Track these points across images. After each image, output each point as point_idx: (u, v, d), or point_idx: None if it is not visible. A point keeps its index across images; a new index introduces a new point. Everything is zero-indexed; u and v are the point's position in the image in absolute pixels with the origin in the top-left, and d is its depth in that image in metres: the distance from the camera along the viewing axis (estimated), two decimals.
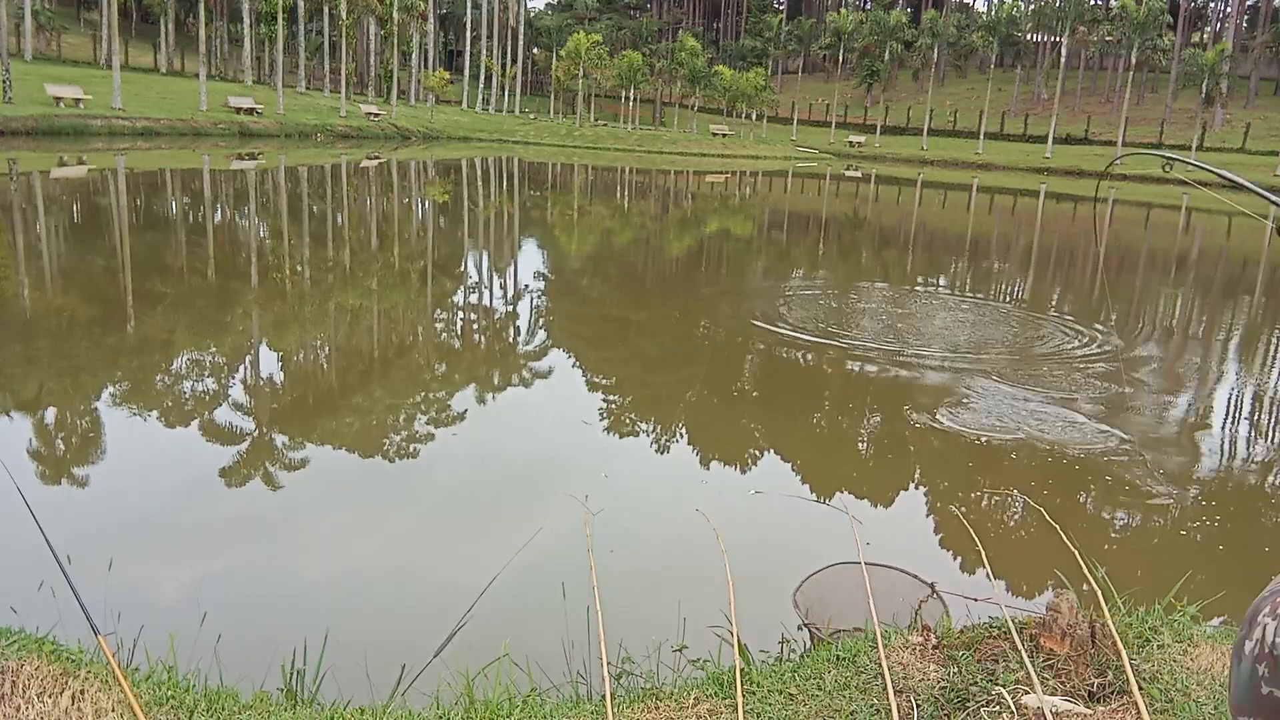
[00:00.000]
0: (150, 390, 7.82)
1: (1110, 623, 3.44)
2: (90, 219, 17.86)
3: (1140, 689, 3.09)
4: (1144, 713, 2.95)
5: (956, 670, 3.27)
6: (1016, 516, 5.77)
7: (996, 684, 3.13)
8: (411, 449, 6.89)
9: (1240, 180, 1.81)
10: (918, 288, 15.83)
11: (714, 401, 8.20)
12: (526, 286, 13.24)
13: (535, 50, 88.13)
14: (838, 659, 3.42)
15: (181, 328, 9.92)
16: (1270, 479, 7.06)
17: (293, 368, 8.87)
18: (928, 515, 5.76)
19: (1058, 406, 7.91)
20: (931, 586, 4.48)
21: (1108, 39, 66.92)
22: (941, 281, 17.14)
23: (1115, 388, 8.65)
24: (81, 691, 2.89)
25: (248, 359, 9.07)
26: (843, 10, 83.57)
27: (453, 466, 6.65)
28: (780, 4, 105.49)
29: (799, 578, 4.51)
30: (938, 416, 7.54)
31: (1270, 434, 8.30)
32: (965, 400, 8.08)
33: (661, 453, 6.91)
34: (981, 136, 66.27)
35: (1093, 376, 9.06)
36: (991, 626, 3.62)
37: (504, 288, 13.27)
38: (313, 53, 66.65)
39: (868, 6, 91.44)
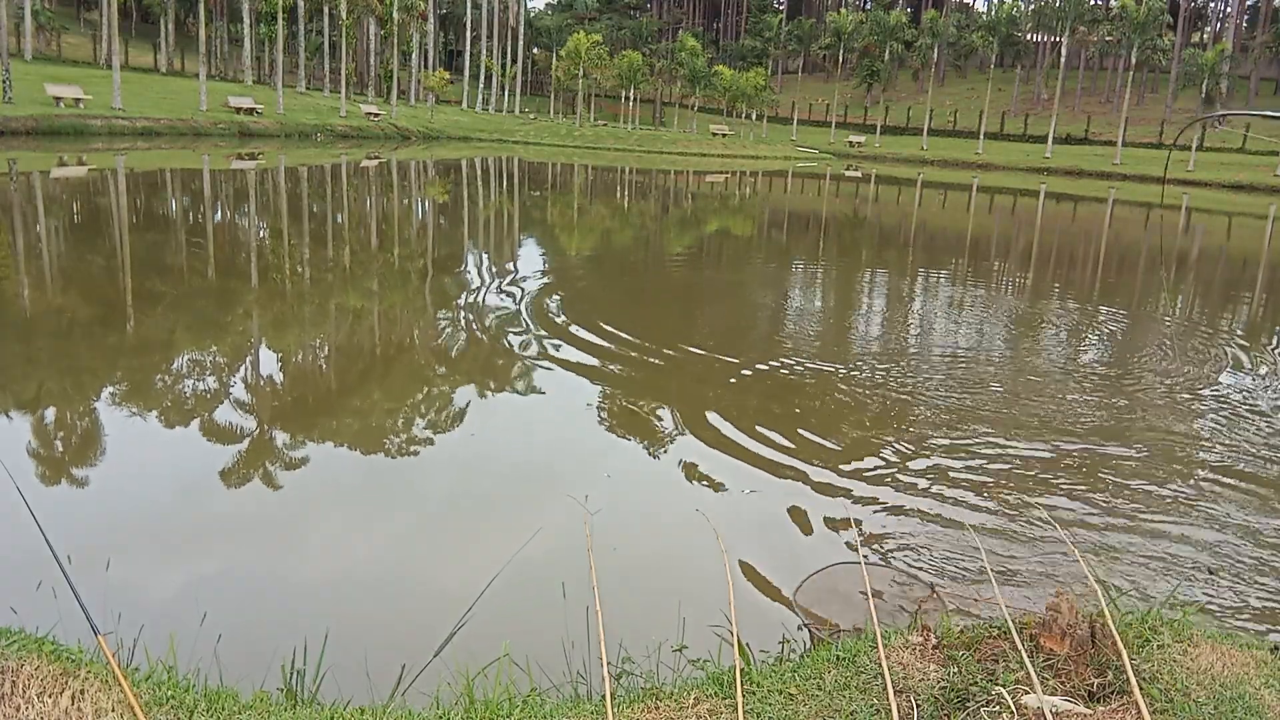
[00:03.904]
0: (150, 390, 7.82)
1: (1110, 623, 3.44)
2: (90, 219, 17.85)
3: (1140, 689, 3.09)
4: (1144, 713, 2.95)
5: (956, 670, 3.27)
6: (1017, 517, 5.77)
7: (996, 684, 3.13)
8: (411, 449, 6.89)
9: None
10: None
11: (716, 403, 8.20)
12: (526, 285, 13.24)
13: (535, 50, 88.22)
14: (838, 659, 3.42)
15: (181, 328, 9.92)
16: None
17: (293, 368, 8.87)
18: (928, 515, 5.75)
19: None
20: (931, 586, 4.49)
21: (1108, 39, 66.94)
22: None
23: None
24: (81, 691, 2.89)
25: (248, 359, 9.07)
26: (843, 10, 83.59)
27: (453, 466, 6.65)
28: (780, 4, 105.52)
29: (799, 578, 4.51)
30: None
31: None
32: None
33: (662, 453, 6.91)
34: (981, 136, 66.30)
35: None
36: (991, 626, 3.62)
37: (504, 287, 13.28)
38: (313, 53, 66.65)
39: (868, 6, 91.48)
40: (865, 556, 4.67)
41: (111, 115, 36.45)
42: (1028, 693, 3.07)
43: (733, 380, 8.85)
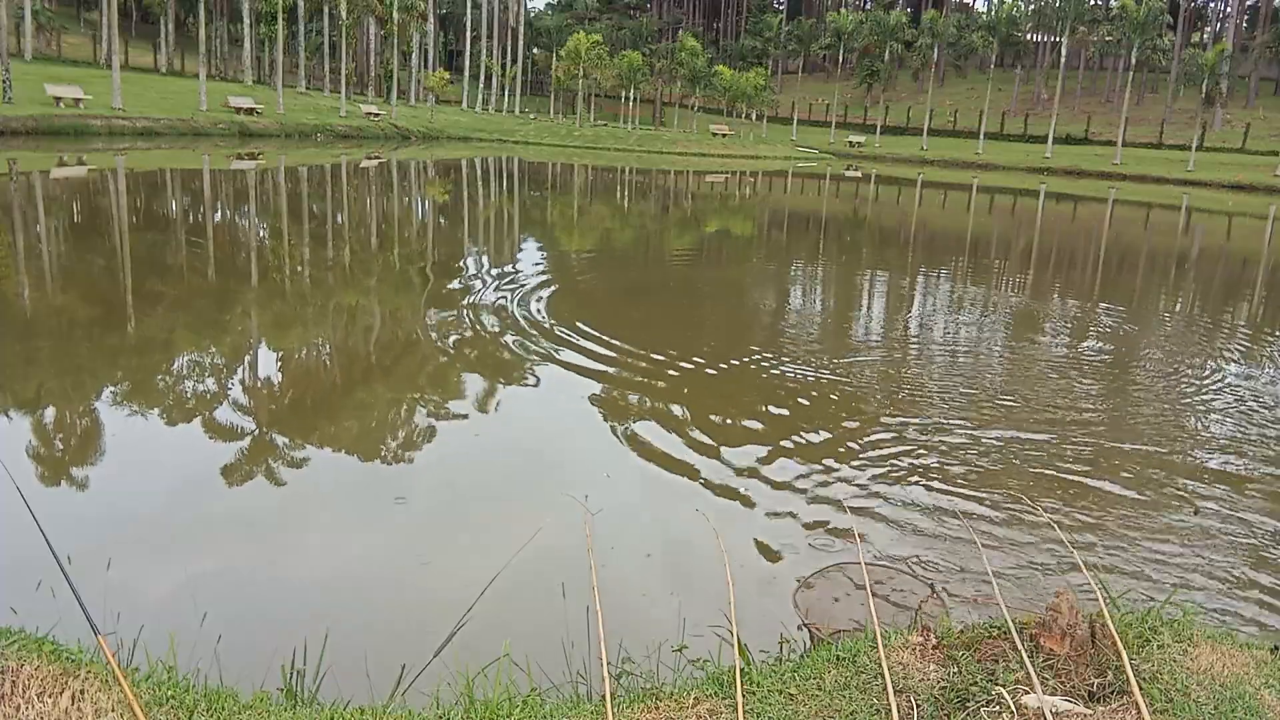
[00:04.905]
0: (150, 390, 7.82)
1: (1110, 623, 3.44)
2: (90, 219, 17.85)
3: (1140, 689, 3.09)
4: (1144, 713, 2.96)
5: (956, 670, 3.27)
6: (1017, 516, 5.77)
7: (996, 684, 3.13)
8: (411, 449, 6.89)
9: None
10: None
11: (717, 402, 8.20)
12: (527, 285, 13.24)
13: (535, 50, 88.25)
14: (838, 659, 3.42)
15: (181, 327, 9.92)
16: None
17: (293, 367, 8.87)
18: (927, 515, 5.75)
19: None
20: (931, 586, 4.49)
21: (1108, 39, 66.91)
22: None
23: None
24: (81, 691, 2.89)
25: (247, 359, 9.07)
26: (843, 10, 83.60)
27: (453, 466, 6.65)
28: (780, 4, 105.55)
29: (799, 578, 4.51)
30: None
31: None
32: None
33: (662, 452, 6.90)
34: (981, 136, 66.29)
35: None
36: (991, 626, 3.62)
37: (504, 287, 13.27)
38: (313, 53, 66.67)
39: (868, 6, 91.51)
40: (865, 556, 4.67)
41: (111, 115, 36.44)
42: (1028, 693, 3.07)
43: (734, 379, 8.86)
